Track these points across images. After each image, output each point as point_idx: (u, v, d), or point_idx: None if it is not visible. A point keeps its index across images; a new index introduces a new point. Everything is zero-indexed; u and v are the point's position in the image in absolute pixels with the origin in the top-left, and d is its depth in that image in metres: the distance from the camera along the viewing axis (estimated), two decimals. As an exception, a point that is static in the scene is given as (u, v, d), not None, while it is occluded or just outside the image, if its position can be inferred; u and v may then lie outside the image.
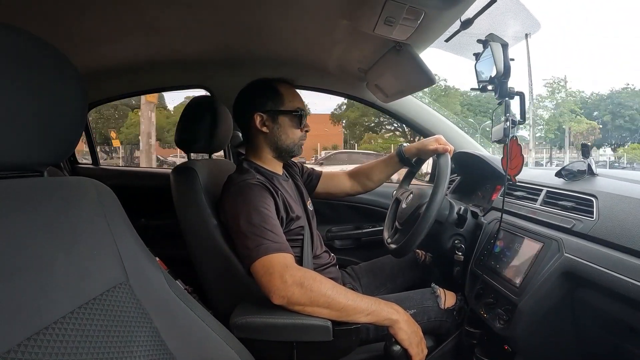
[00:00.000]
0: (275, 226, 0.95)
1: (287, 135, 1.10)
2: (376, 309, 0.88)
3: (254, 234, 0.91)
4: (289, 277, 0.85)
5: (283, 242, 0.93)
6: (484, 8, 0.90)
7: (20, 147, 0.47)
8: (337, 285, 0.89)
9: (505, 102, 0.91)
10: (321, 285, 0.86)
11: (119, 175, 2.30)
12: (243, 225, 0.92)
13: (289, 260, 0.89)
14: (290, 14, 1.16)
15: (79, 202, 0.55)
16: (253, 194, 0.97)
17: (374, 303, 0.89)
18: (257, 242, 0.90)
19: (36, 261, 0.45)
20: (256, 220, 0.93)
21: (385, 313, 0.88)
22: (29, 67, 0.47)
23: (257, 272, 0.88)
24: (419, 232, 1.01)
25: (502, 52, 0.86)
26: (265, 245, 0.89)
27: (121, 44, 1.45)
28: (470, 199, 1.45)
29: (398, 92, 1.44)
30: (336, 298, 0.86)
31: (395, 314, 0.89)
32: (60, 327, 0.44)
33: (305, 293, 0.84)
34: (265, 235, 0.91)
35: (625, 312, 0.68)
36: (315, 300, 0.85)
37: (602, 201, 0.84)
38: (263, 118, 1.09)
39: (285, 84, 1.13)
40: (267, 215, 0.95)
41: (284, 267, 0.87)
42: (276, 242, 0.91)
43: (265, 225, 0.92)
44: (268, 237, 0.90)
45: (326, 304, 0.85)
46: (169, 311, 0.62)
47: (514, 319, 0.85)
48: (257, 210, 0.94)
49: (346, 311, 0.86)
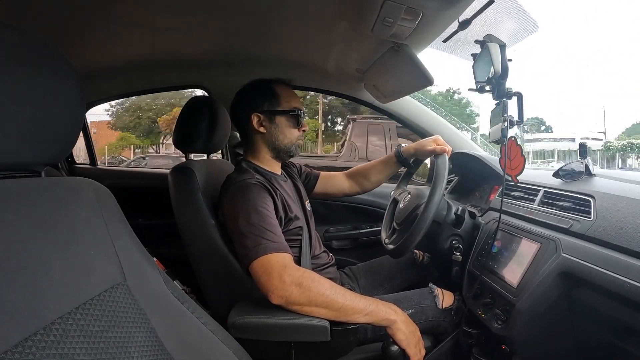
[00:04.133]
0: (274, 226, 0.95)
1: (284, 135, 1.11)
2: (374, 309, 0.88)
3: (253, 234, 0.91)
4: (287, 276, 0.85)
5: (282, 242, 0.92)
6: (482, 9, 0.90)
7: (18, 147, 0.47)
8: (336, 285, 0.89)
9: (503, 102, 0.91)
10: (319, 285, 0.86)
11: (117, 176, 2.30)
12: (242, 224, 0.92)
13: (288, 260, 0.89)
14: (288, 14, 1.16)
15: (77, 202, 0.55)
16: (252, 194, 0.97)
17: (372, 303, 0.89)
18: (255, 242, 0.89)
19: (33, 261, 0.45)
20: (255, 220, 0.93)
21: (383, 313, 0.88)
22: (27, 66, 0.47)
23: (256, 272, 0.88)
24: (416, 233, 1.01)
25: (500, 53, 0.87)
26: (264, 245, 0.89)
27: (119, 43, 1.45)
28: (468, 199, 1.45)
29: (396, 93, 1.44)
30: (334, 298, 0.86)
31: (393, 314, 0.89)
32: (57, 327, 0.44)
33: (303, 293, 0.84)
34: (264, 235, 0.91)
35: (621, 312, 0.69)
36: (314, 300, 0.85)
37: (600, 201, 0.84)
38: (260, 118, 1.10)
39: (282, 84, 1.13)
40: (266, 215, 0.95)
41: (283, 267, 0.87)
42: (275, 241, 0.91)
43: (264, 225, 0.92)
44: (267, 237, 0.90)
45: (324, 304, 0.85)
46: (167, 311, 0.62)
47: (512, 319, 0.85)
48: (256, 210, 0.94)
49: (344, 311, 0.86)
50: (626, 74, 45.86)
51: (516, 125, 0.91)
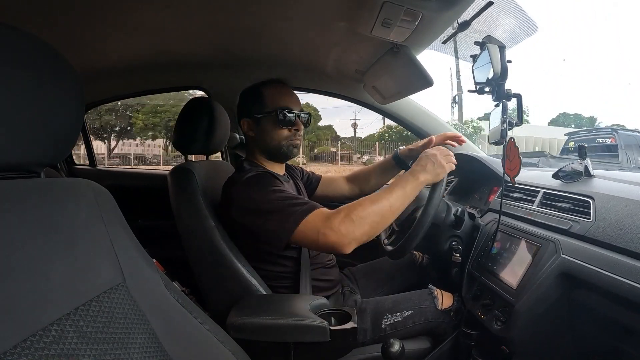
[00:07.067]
0: (295, 195, 0.97)
1: (270, 136, 1.11)
2: (410, 184, 0.94)
3: (281, 208, 0.91)
4: (336, 223, 0.85)
5: (308, 202, 0.93)
6: (481, 10, 0.90)
7: (17, 148, 0.47)
8: (371, 197, 0.91)
9: (502, 103, 0.91)
10: (364, 207, 0.88)
11: (116, 176, 2.29)
12: (265, 207, 0.93)
13: (324, 211, 0.90)
14: (287, 16, 1.16)
15: (76, 203, 0.55)
16: (264, 180, 1.00)
17: (402, 182, 0.94)
18: (288, 213, 0.90)
19: (33, 262, 0.45)
20: (275, 197, 0.94)
21: (417, 183, 0.95)
22: (27, 67, 0.47)
23: (306, 237, 0.88)
24: (416, 234, 1.01)
25: (500, 54, 0.87)
26: (299, 210, 0.89)
27: (119, 44, 1.45)
28: (467, 200, 1.45)
29: (395, 94, 1.44)
30: (382, 206, 0.89)
31: (420, 174, 0.96)
32: (57, 328, 0.44)
33: (360, 222, 0.86)
34: (292, 203, 0.91)
35: (621, 313, 0.69)
36: (371, 220, 0.87)
37: (599, 202, 0.84)
38: (248, 123, 1.12)
39: (272, 85, 1.13)
40: (283, 191, 0.96)
41: (326, 219, 0.87)
42: (304, 203, 0.91)
43: (287, 197, 0.94)
44: (296, 203, 0.91)
45: (380, 215, 0.88)
46: (166, 313, 0.62)
47: (511, 320, 0.85)
48: (273, 190, 0.96)
49: (396, 206, 0.91)
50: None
51: (515, 126, 0.91)
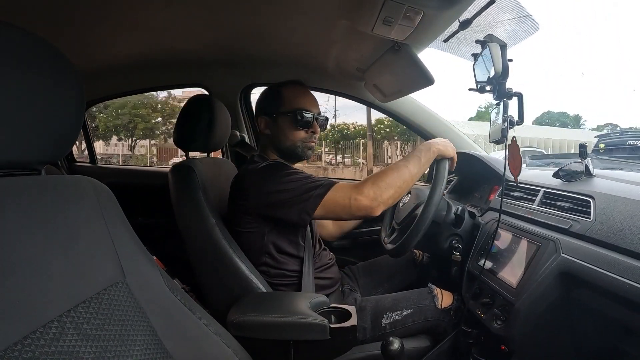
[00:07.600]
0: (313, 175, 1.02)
1: (285, 136, 1.11)
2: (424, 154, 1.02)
3: (305, 185, 0.96)
4: (366, 189, 0.93)
5: (329, 178, 1.01)
6: (483, 8, 0.90)
7: (18, 145, 0.47)
8: (391, 166, 1.00)
9: (503, 102, 0.91)
10: (387, 175, 0.97)
11: (117, 174, 2.29)
12: (289, 188, 0.96)
13: (347, 183, 0.97)
14: (288, 14, 1.16)
15: (77, 201, 0.55)
16: (280, 167, 1.03)
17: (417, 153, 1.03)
18: (314, 186, 0.95)
19: (33, 259, 0.45)
20: (295, 177, 0.98)
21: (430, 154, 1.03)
22: (27, 64, 0.46)
23: (337, 205, 0.94)
24: (416, 233, 1.01)
25: (501, 53, 0.87)
26: (324, 183, 0.96)
27: (119, 42, 1.45)
28: (468, 199, 1.45)
29: (396, 92, 1.44)
30: (402, 173, 0.98)
31: (432, 145, 1.04)
32: (57, 325, 0.44)
33: (386, 187, 0.95)
34: (315, 179, 0.97)
35: (621, 313, 0.69)
36: (395, 185, 0.96)
37: (600, 202, 0.84)
38: (265, 121, 1.13)
39: (292, 86, 1.15)
40: (301, 171, 1.01)
41: (355, 187, 0.94)
42: (325, 179, 0.99)
43: (307, 176, 0.99)
44: (319, 178, 0.98)
45: (402, 180, 0.97)
46: (166, 310, 0.62)
47: (511, 319, 0.85)
48: (291, 173, 0.99)
49: (414, 172, 1.00)
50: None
51: (516, 125, 0.91)
